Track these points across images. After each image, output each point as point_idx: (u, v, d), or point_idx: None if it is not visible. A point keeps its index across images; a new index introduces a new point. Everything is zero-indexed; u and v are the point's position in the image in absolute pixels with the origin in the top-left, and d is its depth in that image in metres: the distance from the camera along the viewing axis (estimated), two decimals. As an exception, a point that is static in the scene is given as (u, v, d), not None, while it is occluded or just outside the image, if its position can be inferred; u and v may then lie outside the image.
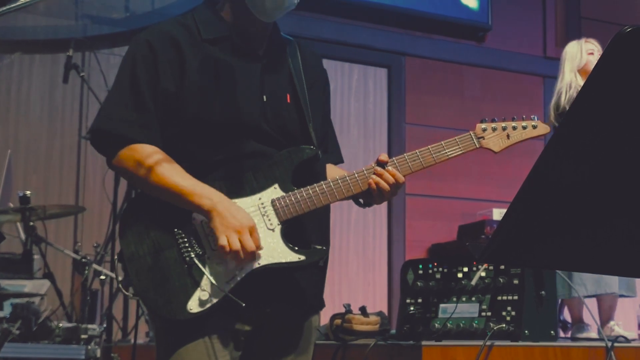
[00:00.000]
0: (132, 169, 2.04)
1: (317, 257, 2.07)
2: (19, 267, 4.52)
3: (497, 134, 2.21)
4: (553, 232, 1.19)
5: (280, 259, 2.03)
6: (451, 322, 3.06)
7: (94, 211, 5.71)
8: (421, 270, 3.23)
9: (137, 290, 2.03)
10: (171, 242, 2.02)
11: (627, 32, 0.97)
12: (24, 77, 5.97)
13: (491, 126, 2.21)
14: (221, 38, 2.13)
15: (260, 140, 2.09)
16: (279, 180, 2.07)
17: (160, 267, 2.01)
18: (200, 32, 2.12)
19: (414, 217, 6.78)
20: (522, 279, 3.00)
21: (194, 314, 1.97)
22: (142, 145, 2.04)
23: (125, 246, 2.04)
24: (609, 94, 1.03)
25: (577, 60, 4.53)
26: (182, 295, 1.98)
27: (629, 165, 1.10)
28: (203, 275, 1.99)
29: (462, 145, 2.18)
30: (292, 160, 2.09)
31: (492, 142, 2.21)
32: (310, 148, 2.10)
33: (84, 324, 4.13)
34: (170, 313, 1.99)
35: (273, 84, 2.15)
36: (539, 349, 2.95)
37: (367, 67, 6.89)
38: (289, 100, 2.15)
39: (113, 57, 6.06)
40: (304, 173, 2.10)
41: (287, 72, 2.19)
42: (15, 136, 5.85)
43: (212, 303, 1.98)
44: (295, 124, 2.14)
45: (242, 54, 2.14)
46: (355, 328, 3.42)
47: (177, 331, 2.03)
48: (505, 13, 7.26)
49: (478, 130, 2.20)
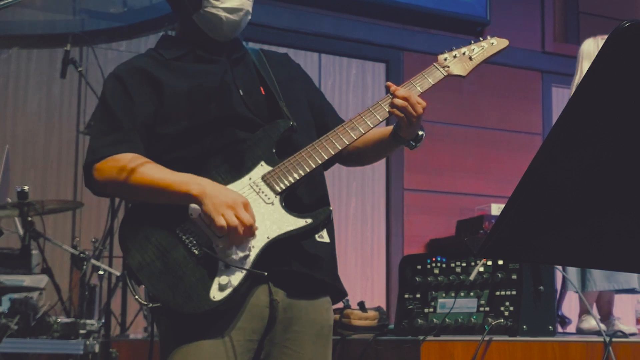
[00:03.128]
0: (114, 177, 2.06)
1: (323, 216, 2.06)
2: (17, 262, 4.51)
3: (459, 59, 2.31)
4: (551, 227, 1.19)
5: (288, 227, 2.03)
6: (449, 317, 3.07)
7: (92, 206, 5.71)
8: (419, 266, 3.23)
9: (155, 296, 2.01)
10: (175, 242, 2.02)
11: (626, 27, 0.97)
12: (22, 72, 5.96)
13: (452, 54, 2.31)
14: (184, 55, 2.21)
15: (243, 128, 2.12)
16: (264, 158, 2.09)
17: (172, 268, 2.00)
18: (163, 55, 2.21)
19: (412, 212, 6.78)
20: (520, 274, 3.00)
21: (219, 301, 1.96)
22: (121, 154, 2.07)
23: (131, 259, 2.03)
24: (607, 89, 1.03)
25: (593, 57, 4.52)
26: (202, 287, 1.97)
27: (627, 159, 1.10)
28: (217, 262, 1.99)
29: (431, 77, 2.25)
30: (271, 136, 2.11)
31: (457, 68, 2.30)
32: (284, 121, 2.13)
33: (82, 319, 4.12)
34: (195, 307, 1.97)
35: (245, 80, 2.20)
36: (537, 344, 2.96)
37: (365, 62, 6.88)
38: (263, 92, 2.20)
39: (111, 52, 6.05)
40: (287, 147, 2.12)
41: (254, 71, 2.24)
42: (13, 131, 5.85)
43: (233, 286, 1.97)
44: (272, 110, 2.18)
45: (208, 62, 2.21)
46: (353, 323, 3.42)
47: (185, 333, 2.02)
48: (503, 8, 7.25)
49: (440, 60, 2.30)
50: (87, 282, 4.58)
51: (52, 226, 5.42)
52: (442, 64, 2.27)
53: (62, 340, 3.85)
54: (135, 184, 2.02)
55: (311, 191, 2.16)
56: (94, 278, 4.69)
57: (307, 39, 6.53)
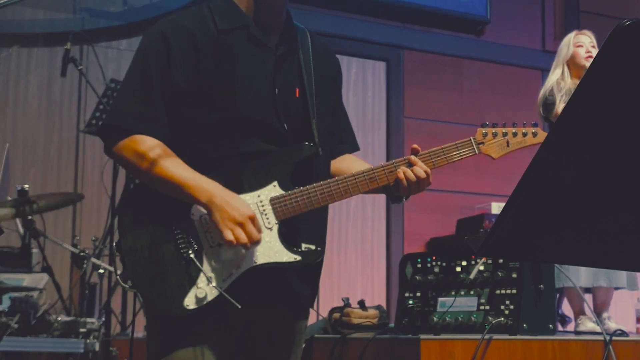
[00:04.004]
0: (131, 159, 2.04)
1: (312, 258, 2.06)
2: (17, 261, 4.51)
3: (496, 141, 2.24)
4: (551, 225, 1.19)
5: (276, 258, 2.03)
6: (449, 316, 3.07)
7: (92, 205, 5.71)
8: (420, 264, 3.23)
9: (134, 283, 2.03)
10: (169, 237, 2.02)
11: (626, 25, 0.97)
12: (22, 71, 5.96)
13: (492, 131, 2.24)
14: (237, 28, 2.12)
15: (266, 135, 2.08)
16: (278, 179, 2.06)
17: (158, 261, 2.00)
18: (216, 22, 2.11)
19: (412, 210, 6.78)
20: (520, 272, 3.00)
21: (190, 311, 1.97)
22: (144, 137, 2.04)
23: (124, 239, 2.04)
24: (607, 87, 1.03)
25: (563, 53, 4.54)
26: (179, 291, 1.98)
27: (627, 158, 1.10)
28: (200, 272, 1.98)
29: (463, 151, 2.20)
30: (292, 159, 2.08)
31: (492, 149, 2.24)
32: (310, 146, 2.09)
33: (82, 317, 4.12)
34: (166, 308, 1.98)
35: (284, 78, 2.14)
36: (537, 342, 2.96)
37: (366, 61, 6.88)
38: (297, 95, 2.15)
39: (111, 50, 6.06)
40: (305, 171, 2.10)
41: (297, 65, 2.17)
42: (14, 130, 5.85)
43: (207, 301, 1.98)
44: (300, 119, 2.13)
45: (257, 44, 2.12)
46: (353, 322, 3.42)
47: (168, 331, 2.03)
48: (503, 6, 7.25)
49: (478, 135, 2.24)
50: (88, 280, 4.58)
51: (53, 225, 5.42)
52: (479, 139, 2.23)
53: (62, 339, 3.85)
54: (149, 173, 2.01)
55: (311, 224, 2.14)
56: (94, 277, 4.69)
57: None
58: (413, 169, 2.12)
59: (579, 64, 4.45)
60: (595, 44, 4.52)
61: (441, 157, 2.17)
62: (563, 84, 4.40)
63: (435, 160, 2.16)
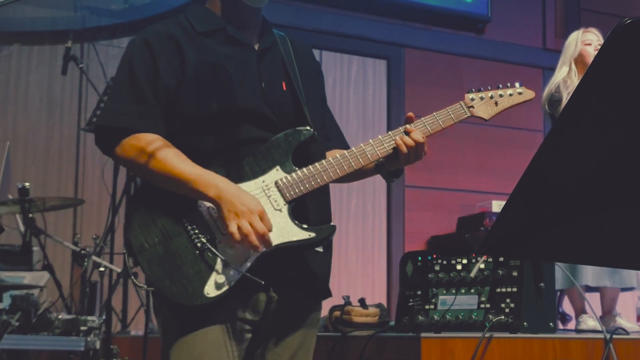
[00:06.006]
0: (135, 157, 2.05)
1: (326, 233, 2.08)
2: (18, 258, 4.52)
3: (485, 102, 2.32)
4: (552, 223, 1.19)
5: (291, 237, 2.04)
6: (450, 314, 3.07)
7: (93, 203, 5.72)
8: (420, 262, 3.23)
9: (151, 280, 2.03)
10: (180, 230, 2.03)
11: (627, 23, 0.97)
12: (23, 69, 5.96)
13: (479, 95, 2.31)
14: (215, 30, 2.18)
15: (260, 125, 2.11)
16: (280, 162, 2.09)
17: (172, 255, 2.01)
18: (194, 27, 2.17)
19: (413, 208, 6.78)
20: (521, 270, 3.00)
21: (212, 298, 1.97)
22: (145, 134, 2.05)
23: (134, 238, 2.04)
24: (608, 85, 1.03)
25: (570, 51, 4.53)
26: (198, 280, 1.98)
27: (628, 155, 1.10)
28: (216, 259, 1.99)
29: (454, 114, 2.28)
30: (290, 142, 2.11)
31: (482, 110, 2.31)
32: (307, 129, 2.13)
33: (83, 315, 4.13)
34: (188, 299, 1.98)
35: (269, 73, 2.19)
36: (538, 340, 2.96)
37: (366, 59, 6.88)
38: (285, 88, 2.20)
39: (112, 48, 6.05)
40: (302, 155, 2.13)
41: (280, 62, 2.23)
42: (14, 128, 5.85)
43: (229, 285, 1.99)
44: (291, 110, 2.18)
45: (237, 45, 2.18)
46: (354, 320, 3.42)
47: (185, 321, 2.03)
48: (504, 4, 7.25)
49: (467, 100, 2.31)
50: (88, 278, 4.59)
51: (53, 223, 5.42)
52: (468, 103, 2.30)
53: (63, 336, 3.86)
54: (153, 170, 2.02)
55: (317, 204, 2.17)
56: (95, 275, 4.69)
57: (307, 36, 6.52)
58: (410, 135, 2.18)
59: (589, 63, 4.44)
60: (602, 42, 4.51)
61: (436, 123, 2.25)
62: (570, 82, 4.40)
63: (431, 127, 2.23)
